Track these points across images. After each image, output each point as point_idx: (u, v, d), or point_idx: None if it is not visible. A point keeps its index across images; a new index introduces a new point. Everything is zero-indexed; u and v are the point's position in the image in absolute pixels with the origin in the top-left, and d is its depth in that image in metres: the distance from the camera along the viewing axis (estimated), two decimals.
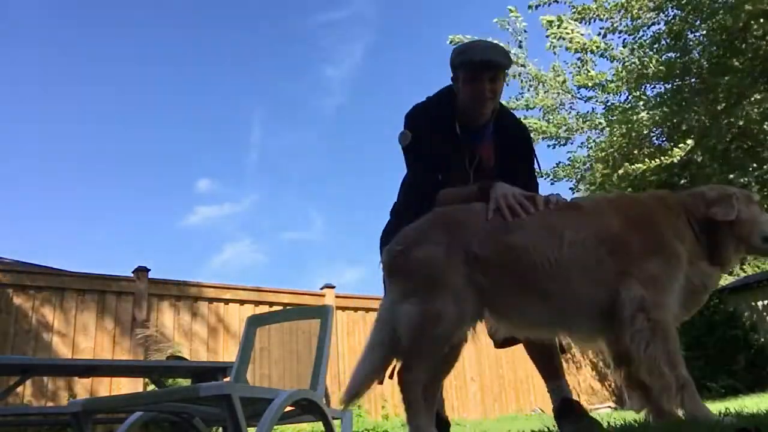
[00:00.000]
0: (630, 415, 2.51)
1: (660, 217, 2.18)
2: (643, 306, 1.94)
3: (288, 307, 7.25)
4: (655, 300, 1.95)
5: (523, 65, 9.97)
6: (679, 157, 8.25)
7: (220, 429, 3.16)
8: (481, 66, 2.39)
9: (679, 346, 1.99)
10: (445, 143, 2.46)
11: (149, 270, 6.95)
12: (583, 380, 9.85)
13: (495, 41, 2.50)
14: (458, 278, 2.00)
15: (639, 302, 1.94)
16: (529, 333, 2.22)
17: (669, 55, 9.02)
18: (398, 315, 2.03)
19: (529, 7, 9.62)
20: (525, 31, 9.93)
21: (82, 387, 6.17)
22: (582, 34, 9.44)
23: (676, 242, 2.11)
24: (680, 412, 1.98)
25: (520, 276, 2.04)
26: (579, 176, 10.35)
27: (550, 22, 9.34)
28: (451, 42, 9.84)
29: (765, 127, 8.49)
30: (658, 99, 9.18)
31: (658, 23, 9.27)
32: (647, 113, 8.64)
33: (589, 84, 9.70)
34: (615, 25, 9.35)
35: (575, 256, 2.03)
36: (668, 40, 9.00)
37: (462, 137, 2.47)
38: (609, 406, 9.26)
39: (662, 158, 8.38)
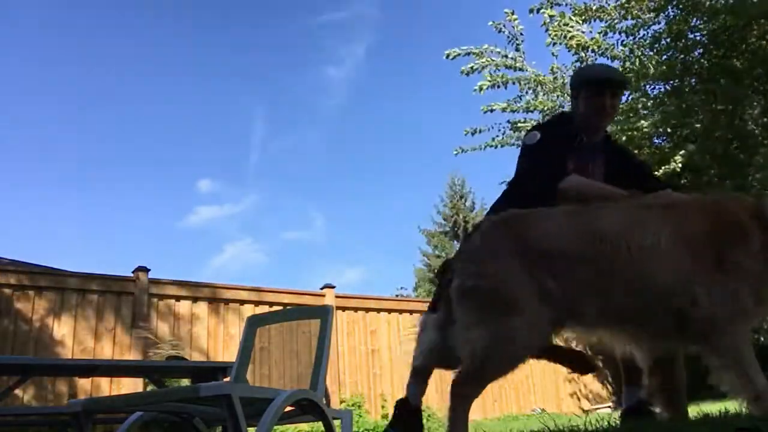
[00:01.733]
0: None
1: (733, 222, 2.17)
2: (710, 317, 1.98)
3: (288, 307, 7.25)
4: (723, 311, 1.99)
5: (521, 68, 9.92)
6: (680, 165, 8.26)
7: (220, 429, 3.16)
8: (604, 82, 2.64)
9: (752, 356, 2.00)
10: (566, 153, 2.63)
11: (149, 270, 6.96)
12: (583, 381, 9.84)
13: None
14: (532, 297, 2.00)
15: (706, 313, 1.98)
16: (604, 332, 2.23)
17: (669, 54, 9.00)
18: (470, 341, 2.01)
19: (530, 10, 9.57)
20: (522, 34, 9.88)
21: (82, 387, 6.17)
22: (583, 32, 9.39)
23: (748, 249, 2.10)
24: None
25: (604, 270, 2.05)
26: None
27: (552, 17, 9.32)
28: (447, 56, 9.79)
29: (758, 133, 8.48)
30: (658, 100, 9.17)
31: (659, 23, 9.27)
32: (647, 119, 8.63)
33: None
34: (614, 24, 9.33)
35: (656, 253, 2.06)
36: (668, 40, 8.99)
37: (581, 153, 2.68)
38: (609, 406, 9.26)
39: (663, 166, 8.42)
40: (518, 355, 2.06)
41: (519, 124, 9.86)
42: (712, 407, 2.41)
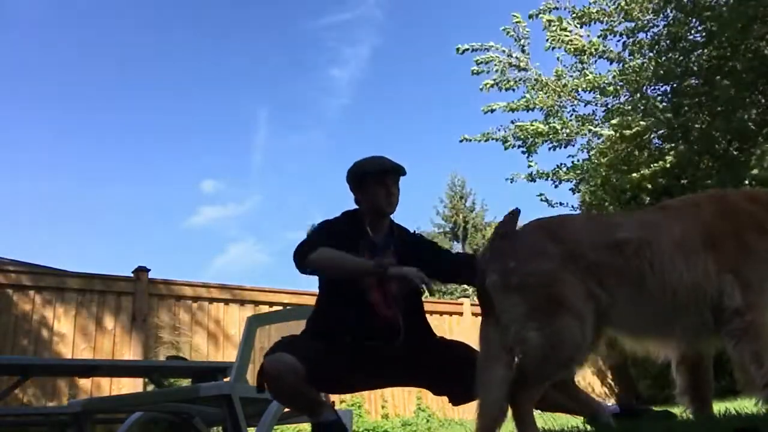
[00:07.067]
0: None
1: (752, 216, 2.20)
2: (738, 308, 2.03)
3: (288, 307, 7.25)
4: (750, 301, 2.04)
5: (525, 69, 10.13)
6: (671, 163, 8.34)
7: (220, 429, 3.17)
8: (388, 171, 2.73)
9: None
10: (354, 249, 2.64)
11: (149, 270, 6.96)
12: (583, 380, 9.85)
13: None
14: (578, 294, 2.00)
15: (735, 305, 2.04)
16: (645, 338, 2.26)
17: (669, 56, 9.03)
18: (524, 341, 1.99)
19: (530, 16, 9.90)
20: (528, 37, 10.18)
21: (82, 387, 6.17)
22: (581, 36, 9.55)
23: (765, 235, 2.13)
24: None
25: (633, 276, 2.06)
26: (580, 178, 10.35)
27: (550, 22, 9.58)
28: (458, 51, 10.01)
29: (755, 129, 8.48)
30: (657, 101, 9.20)
31: (657, 25, 9.30)
32: (646, 120, 8.68)
33: (588, 88, 9.79)
34: (614, 27, 9.42)
35: (680, 254, 2.08)
36: (668, 42, 9.02)
37: (372, 250, 2.69)
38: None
39: (658, 164, 8.47)
40: (571, 359, 2.04)
41: (525, 127, 10.02)
42: (712, 407, 2.41)
